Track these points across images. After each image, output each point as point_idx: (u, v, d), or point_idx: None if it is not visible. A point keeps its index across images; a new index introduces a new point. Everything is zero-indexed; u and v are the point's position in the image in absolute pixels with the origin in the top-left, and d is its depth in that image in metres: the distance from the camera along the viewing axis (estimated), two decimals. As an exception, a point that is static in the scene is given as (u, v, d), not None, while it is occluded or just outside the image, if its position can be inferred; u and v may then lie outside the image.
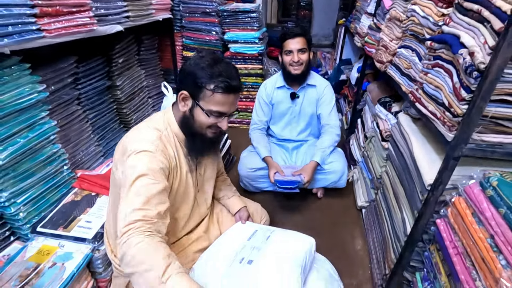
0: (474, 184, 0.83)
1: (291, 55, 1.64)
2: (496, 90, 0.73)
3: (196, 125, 0.94)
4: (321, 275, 1.06)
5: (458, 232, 0.85)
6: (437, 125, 0.91)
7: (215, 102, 0.89)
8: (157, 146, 0.91)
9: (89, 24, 1.31)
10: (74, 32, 1.23)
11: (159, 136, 0.94)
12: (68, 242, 1.17)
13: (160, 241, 0.79)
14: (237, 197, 1.37)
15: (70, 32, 1.20)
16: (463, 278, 0.79)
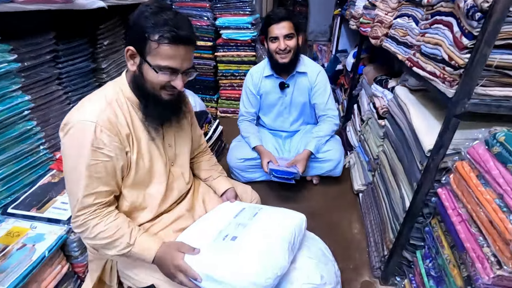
0: (478, 145, 0.75)
1: (277, 42, 1.48)
2: (501, 33, 0.66)
3: (147, 85, 0.84)
4: (313, 253, 0.97)
5: (462, 199, 0.77)
6: (436, 84, 0.84)
7: (162, 55, 0.79)
8: (100, 114, 0.83)
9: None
10: (48, 1, 1.15)
11: (106, 103, 0.86)
12: (41, 223, 1.08)
13: (115, 215, 0.88)
14: (224, 177, 1.28)
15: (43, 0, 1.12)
16: (468, 246, 0.71)
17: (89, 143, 0.81)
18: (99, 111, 0.84)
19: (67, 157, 0.85)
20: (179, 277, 0.87)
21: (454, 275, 0.77)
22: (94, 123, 0.81)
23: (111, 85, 0.92)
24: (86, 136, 0.81)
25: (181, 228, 1.05)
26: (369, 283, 1.20)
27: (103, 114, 0.83)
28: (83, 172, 0.82)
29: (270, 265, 0.80)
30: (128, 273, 0.99)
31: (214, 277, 0.82)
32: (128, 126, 0.89)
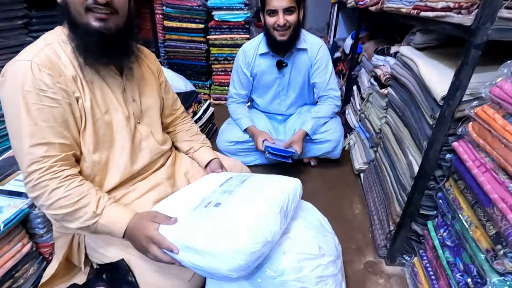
0: (503, 81, 0.63)
1: (275, 17, 1.29)
2: None
3: (72, 10, 0.71)
4: (309, 224, 0.84)
5: (485, 146, 0.65)
6: (451, 18, 0.72)
7: None
8: (38, 53, 0.71)
9: None
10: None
11: (45, 44, 0.74)
12: (1, 196, 0.95)
13: (80, 181, 0.76)
14: (207, 148, 1.15)
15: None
16: (496, 197, 0.58)
17: (28, 84, 0.69)
18: (36, 50, 0.72)
19: (7, 107, 0.72)
20: (152, 251, 0.73)
21: (477, 238, 0.65)
22: (29, 61, 0.70)
23: (52, 31, 0.80)
24: (23, 77, 0.69)
25: (160, 198, 0.92)
26: (374, 263, 1.07)
27: (41, 53, 0.72)
28: (26, 118, 0.70)
29: (259, 229, 0.68)
30: (97, 248, 0.86)
31: (192, 247, 0.69)
32: (74, 68, 0.76)
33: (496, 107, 0.65)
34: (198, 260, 0.68)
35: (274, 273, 0.71)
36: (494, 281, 0.58)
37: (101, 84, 0.82)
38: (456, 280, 0.72)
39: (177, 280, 0.81)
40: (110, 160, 0.87)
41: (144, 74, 0.97)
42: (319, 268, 0.74)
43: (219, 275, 0.68)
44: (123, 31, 0.78)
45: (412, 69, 1.00)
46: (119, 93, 0.87)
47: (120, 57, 0.83)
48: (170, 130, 1.14)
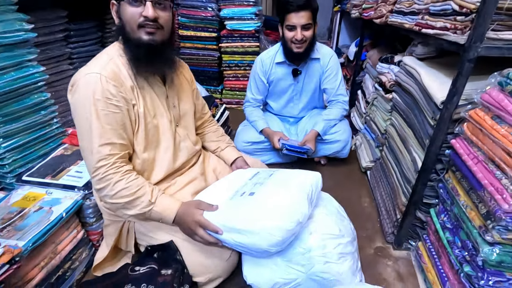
0: (492, 89, 0.78)
1: (293, 32, 1.43)
2: (511, -26, 0.69)
3: (127, 28, 0.85)
4: (329, 211, 0.98)
5: (477, 142, 0.79)
6: (448, 36, 0.87)
7: None
8: (105, 66, 0.86)
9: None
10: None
11: (108, 58, 0.89)
12: (57, 190, 1.08)
13: (136, 175, 0.91)
14: (233, 147, 1.30)
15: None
16: (486, 183, 0.72)
17: (98, 93, 0.84)
18: (103, 64, 0.87)
19: (78, 113, 0.86)
20: (199, 233, 0.87)
21: (472, 217, 0.79)
22: (99, 74, 0.85)
23: (111, 46, 0.94)
24: (93, 87, 0.84)
25: (196, 190, 1.07)
26: (382, 248, 1.20)
27: (106, 66, 0.87)
28: (95, 122, 0.85)
29: (292, 211, 0.82)
30: (146, 233, 0.99)
31: (235, 227, 0.83)
32: (131, 79, 0.91)
33: (486, 110, 0.79)
34: (241, 238, 0.82)
35: (303, 250, 0.85)
36: (485, 250, 0.72)
37: (150, 92, 0.97)
38: (455, 255, 0.86)
39: (217, 259, 0.95)
40: (156, 158, 1.01)
41: (182, 82, 1.11)
42: (340, 246, 0.88)
43: (259, 250, 0.82)
44: (167, 44, 0.92)
45: (415, 77, 1.14)
46: (163, 99, 1.01)
47: (164, 67, 0.97)
48: (199, 131, 1.29)
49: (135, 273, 0.89)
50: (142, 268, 0.90)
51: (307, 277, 0.85)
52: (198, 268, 0.93)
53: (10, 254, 0.76)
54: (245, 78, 2.64)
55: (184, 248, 0.94)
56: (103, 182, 0.86)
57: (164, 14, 0.86)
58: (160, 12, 0.85)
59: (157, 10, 0.84)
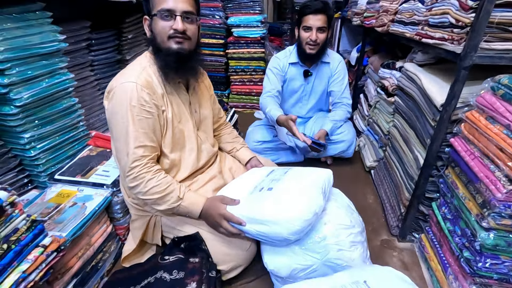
0: (485, 93, 0.88)
1: (309, 33, 1.56)
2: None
3: (158, 40, 0.95)
4: (340, 204, 1.07)
5: (473, 140, 0.89)
6: (446, 46, 0.97)
7: (159, 1, 0.91)
8: (139, 76, 0.95)
9: (105, -15, 1.36)
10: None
11: (141, 68, 0.98)
12: (87, 187, 1.17)
13: (164, 174, 1.00)
14: (247, 148, 1.39)
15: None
16: (482, 175, 0.82)
17: (134, 100, 0.93)
18: (137, 74, 0.97)
19: (114, 118, 0.96)
20: (224, 225, 0.96)
21: (470, 207, 0.88)
22: (134, 83, 0.94)
23: (143, 56, 1.05)
24: (130, 95, 0.93)
25: (216, 187, 1.16)
26: (388, 240, 1.29)
27: (141, 76, 0.96)
28: (131, 126, 0.94)
29: (310, 203, 0.91)
30: (174, 226, 1.08)
31: (257, 218, 0.92)
32: (162, 87, 1.01)
33: (480, 111, 0.89)
34: (263, 228, 0.91)
35: (319, 239, 0.94)
36: (482, 235, 0.81)
37: (176, 99, 1.06)
38: (456, 242, 0.95)
39: (238, 249, 1.04)
40: (182, 158, 1.10)
41: (202, 90, 1.21)
42: (351, 236, 0.97)
43: (280, 239, 0.91)
44: (193, 53, 1.02)
45: (416, 82, 1.24)
46: (187, 105, 1.11)
47: (190, 74, 1.07)
48: (215, 134, 1.38)
49: (164, 261, 0.97)
50: (171, 257, 0.99)
51: (322, 263, 0.94)
52: (221, 257, 1.02)
53: (57, 243, 0.85)
54: (251, 83, 2.75)
55: (208, 240, 1.03)
56: (137, 180, 0.95)
57: (191, 27, 0.96)
58: (188, 25, 0.95)
59: (185, 23, 0.94)
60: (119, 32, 1.87)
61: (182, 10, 0.92)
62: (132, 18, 1.93)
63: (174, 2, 0.92)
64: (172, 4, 0.91)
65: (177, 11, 0.92)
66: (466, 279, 0.90)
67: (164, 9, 0.91)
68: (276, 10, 5.76)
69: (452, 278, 0.96)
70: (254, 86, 2.74)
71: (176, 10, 0.92)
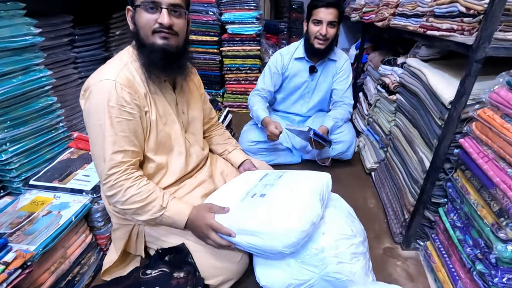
0: (500, 88, 0.79)
1: (319, 26, 1.48)
2: (518, -24, 0.71)
3: (141, 34, 0.85)
4: (340, 211, 0.98)
5: (487, 141, 0.80)
6: (455, 38, 0.88)
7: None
8: (119, 73, 0.85)
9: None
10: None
11: (122, 64, 0.88)
12: (64, 194, 1.08)
13: (146, 180, 0.91)
14: (239, 150, 1.30)
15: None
16: (498, 180, 0.73)
17: (113, 101, 0.83)
18: (117, 71, 0.87)
19: (91, 119, 0.86)
20: (212, 236, 0.87)
21: (484, 215, 0.79)
22: (114, 81, 0.84)
23: (125, 51, 0.95)
24: (108, 94, 0.83)
25: (205, 193, 1.07)
26: (391, 248, 1.21)
27: (121, 73, 0.86)
28: (109, 129, 0.84)
29: (306, 213, 0.82)
30: (159, 237, 0.99)
31: (248, 229, 0.83)
32: (144, 86, 0.91)
33: (494, 109, 0.81)
34: (254, 240, 0.82)
35: (316, 251, 0.85)
36: (499, 248, 0.73)
37: (161, 99, 0.97)
38: (467, 253, 0.86)
39: (228, 261, 0.95)
40: (169, 163, 1.01)
41: (191, 89, 1.11)
42: (352, 246, 0.88)
43: (274, 252, 0.82)
44: (181, 50, 0.92)
45: (420, 78, 1.16)
46: (174, 106, 1.01)
47: (177, 73, 0.97)
48: (206, 135, 1.29)
49: (147, 276, 0.88)
50: (153, 271, 0.90)
51: (320, 277, 0.85)
52: (209, 271, 0.93)
53: (22, 258, 0.75)
54: (246, 82, 2.66)
55: (195, 251, 0.93)
56: (115, 188, 0.86)
57: (179, 21, 0.87)
58: (175, 20, 0.86)
59: (172, 18, 0.84)
60: (106, 28, 1.78)
61: (168, 2, 0.83)
62: (120, 13, 1.84)
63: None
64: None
65: (163, 3, 0.82)
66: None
67: (148, 1, 0.82)
68: (273, 9, 5.68)
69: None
70: (250, 85, 2.64)
71: (162, 2, 0.82)
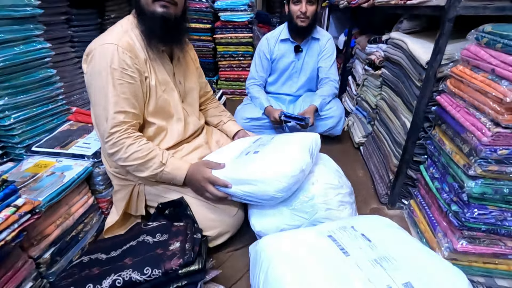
0: (469, 45, 0.87)
1: (299, 5, 1.59)
2: None
3: (142, 1, 0.90)
4: (328, 168, 1.06)
5: (459, 93, 0.88)
6: (430, 3, 0.96)
7: None
8: (121, 38, 0.90)
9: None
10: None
11: (123, 31, 0.93)
12: (66, 158, 1.12)
13: (146, 140, 0.96)
14: (233, 121, 1.37)
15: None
16: (468, 124, 0.81)
17: (115, 63, 0.88)
18: (119, 35, 0.92)
19: (94, 80, 0.91)
20: (209, 189, 0.93)
21: (457, 160, 0.87)
22: (116, 45, 0.89)
23: (125, 18, 0.99)
24: (111, 57, 0.88)
25: (202, 156, 1.13)
26: (377, 209, 1.29)
27: (122, 38, 0.91)
28: (111, 90, 0.89)
29: (296, 160, 0.89)
30: (158, 193, 1.04)
31: (243, 179, 0.90)
32: (144, 52, 0.96)
33: (465, 64, 0.89)
34: (249, 188, 0.89)
35: (307, 198, 0.92)
36: (469, 184, 0.81)
37: (160, 67, 1.02)
38: (443, 199, 0.94)
39: (225, 215, 1.01)
40: (168, 127, 1.07)
41: (187, 61, 1.17)
42: (339, 195, 0.95)
43: (267, 198, 0.88)
44: (179, 19, 0.98)
45: (402, 47, 1.24)
46: (171, 76, 1.07)
47: (175, 41, 1.02)
48: (202, 107, 1.35)
49: (148, 226, 0.94)
50: (154, 223, 0.95)
51: (310, 223, 0.92)
52: (207, 223, 0.99)
53: (31, 204, 0.80)
54: (239, 69, 2.72)
55: (194, 205, 0.99)
56: (117, 146, 0.91)
57: None
58: None
59: None
60: (102, 11, 1.82)
61: None
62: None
63: None
64: None
65: None
66: (455, 233, 0.89)
67: None
68: (265, 3, 5.76)
69: (441, 236, 0.95)
70: (243, 71, 2.70)
71: None
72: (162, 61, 1.03)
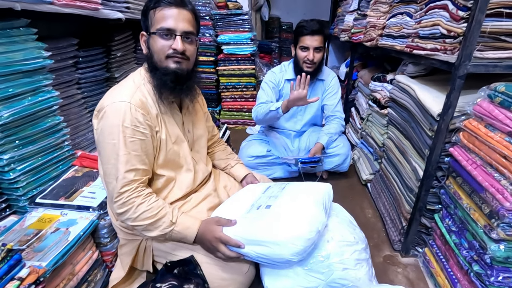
0: (482, 101, 0.88)
1: (306, 52, 1.60)
2: (490, 3, 0.81)
3: (155, 58, 0.92)
4: (342, 220, 1.03)
5: (474, 148, 0.87)
6: (439, 56, 0.97)
7: (159, 19, 0.88)
8: (133, 96, 0.90)
9: (94, 2, 1.34)
10: (81, 7, 1.25)
11: (135, 86, 0.93)
12: (71, 211, 1.09)
13: (156, 197, 0.94)
14: (241, 164, 1.35)
15: (77, 5, 1.23)
16: (487, 185, 0.80)
17: (127, 121, 0.88)
18: (131, 93, 0.92)
19: (105, 138, 0.90)
20: (221, 249, 0.90)
21: (476, 218, 0.85)
22: (128, 103, 0.89)
23: (137, 73, 1.00)
24: (123, 115, 0.88)
25: (211, 206, 1.10)
26: (391, 256, 1.25)
27: (135, 95, 0.92)
28: (123, 149, 0.88)
29: (312, 221, 0.86)
30: (167, 251, 1.01)
31: (256, 239, 0.87)
32: (156, 107, 0.96)
33: (478, 119, 0.88)
34: (263, 250, 0.85)
35: (322, 258, 0.89)
36: (492, 248, 0.78)
37: (170, 119, 1.02)
38: (463, 256, 0.91)
39: (236, 273, 0.97)
40: (177, 179, 1.05)
41: (196, 109, 1.17)
42: (356, 253, 0.92)
43: (281, 260, 0.85)
44: (190, 73, 0.99)
45: (409, 93, 1.24)
46: (180, 125, 1.06)
47: (186, 94, 1.01)
48: (209, 151, 1.33)
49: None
50: (163, 284, 0.91)
51: (327, 284, 0.88)
52: (218, 282, 0.94)
53: (36, 274, 0.76)
54: (242, 99, 2.74)
55: (204, 264, 0.95)
56: (126, 205, 0.89)
57: (190, 47, 0.93)
58: (188, 45, 0.92)
59: (185, 44, 0.91)
60: (108, 50, 1.84)
61: (182, 30, 0.89)
62: (121, 36, 1.92)
63: (175, 21, 0.88)
64: (173, 24, 0.88)
65: (178, 31, 0.89)
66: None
67: (164, 28, 0.88)
68: (264, 29, 5.91)
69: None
70: (245, 102, 2.73)
71: (177, 29, 0.89)
72: (172, 112, 1.03)
